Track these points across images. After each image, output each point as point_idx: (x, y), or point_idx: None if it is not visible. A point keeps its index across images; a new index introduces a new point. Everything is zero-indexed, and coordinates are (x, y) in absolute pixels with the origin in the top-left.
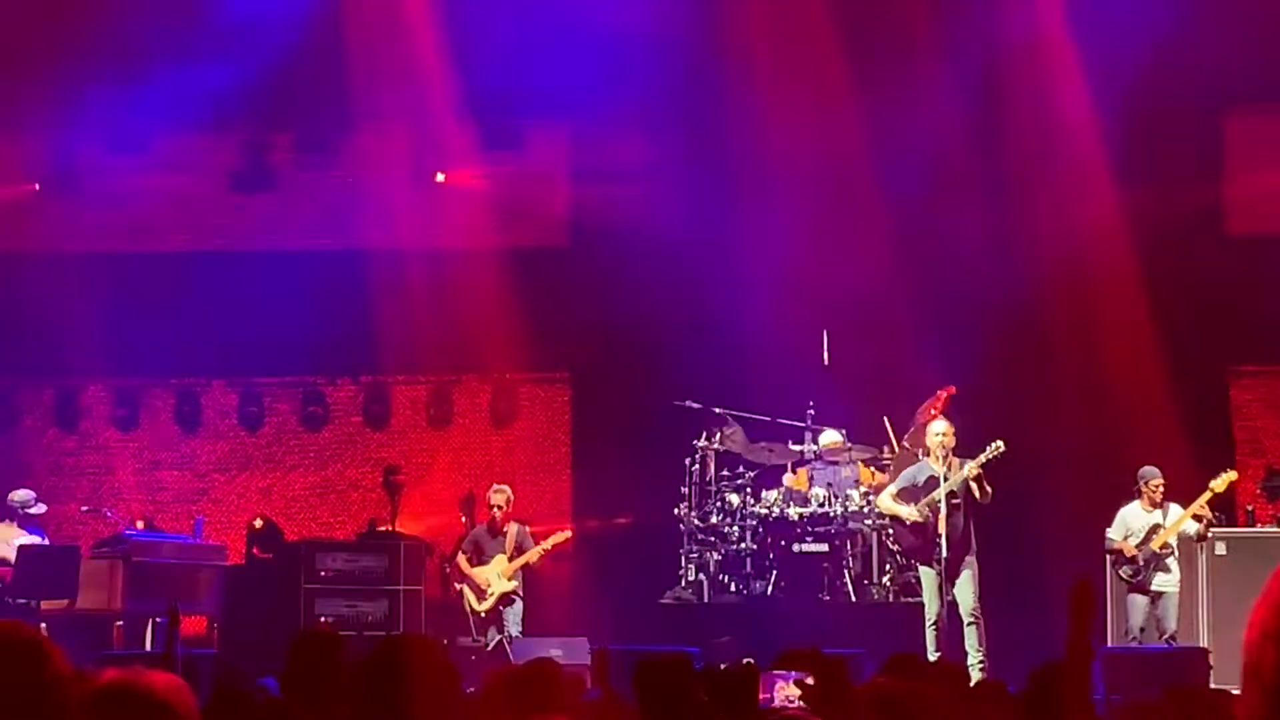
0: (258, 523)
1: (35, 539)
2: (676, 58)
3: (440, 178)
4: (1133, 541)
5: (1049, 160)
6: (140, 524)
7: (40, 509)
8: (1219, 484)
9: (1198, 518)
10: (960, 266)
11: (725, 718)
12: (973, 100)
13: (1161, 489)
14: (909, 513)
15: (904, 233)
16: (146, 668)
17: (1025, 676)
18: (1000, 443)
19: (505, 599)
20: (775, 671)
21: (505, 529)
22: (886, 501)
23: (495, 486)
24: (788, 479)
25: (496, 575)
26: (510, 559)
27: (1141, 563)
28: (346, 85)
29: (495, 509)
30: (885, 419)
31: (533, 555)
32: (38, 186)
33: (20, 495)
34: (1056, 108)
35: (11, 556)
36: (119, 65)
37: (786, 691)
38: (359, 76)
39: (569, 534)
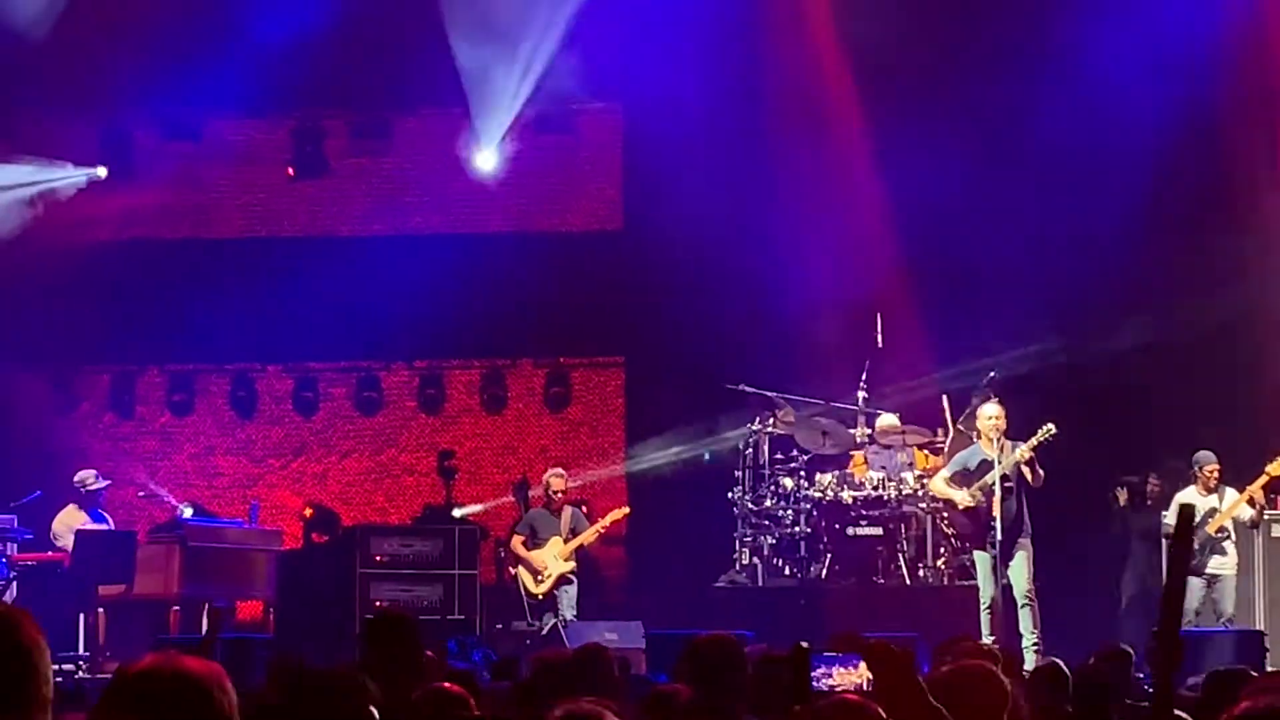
0: (308, 511)
1: (100, 526)
2: (728, 39)
3: (488, 162)
4: None
5: (1097, 140)
6: (189, 510)
7: (101, 484)
8: (1275, 467)
9: (1252, 502)
10: (1012, 250)
11: (776, 701)
12: (1022, 83)
13: (1217, 473)
14: (961, 497)
15: (955, 215)
16: (182, 653)
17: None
18: (1051, 425)
19: (562, 580)
20: (823, 654)
21: (561, 511)
22: (939, 485)
23: (553, 470)
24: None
25: (553, 557)
26: (566, 541)
27: (1197, 546)
28: (399, 70)
29: (556, 493)
30: (944, 397)
31: (590, 535)
32: (103, 172)
33: (80, 474)
34: (1110, 95)
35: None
36: (176, 52)
37: (833, 679)
38: (411, 61)
39: (626, 511)
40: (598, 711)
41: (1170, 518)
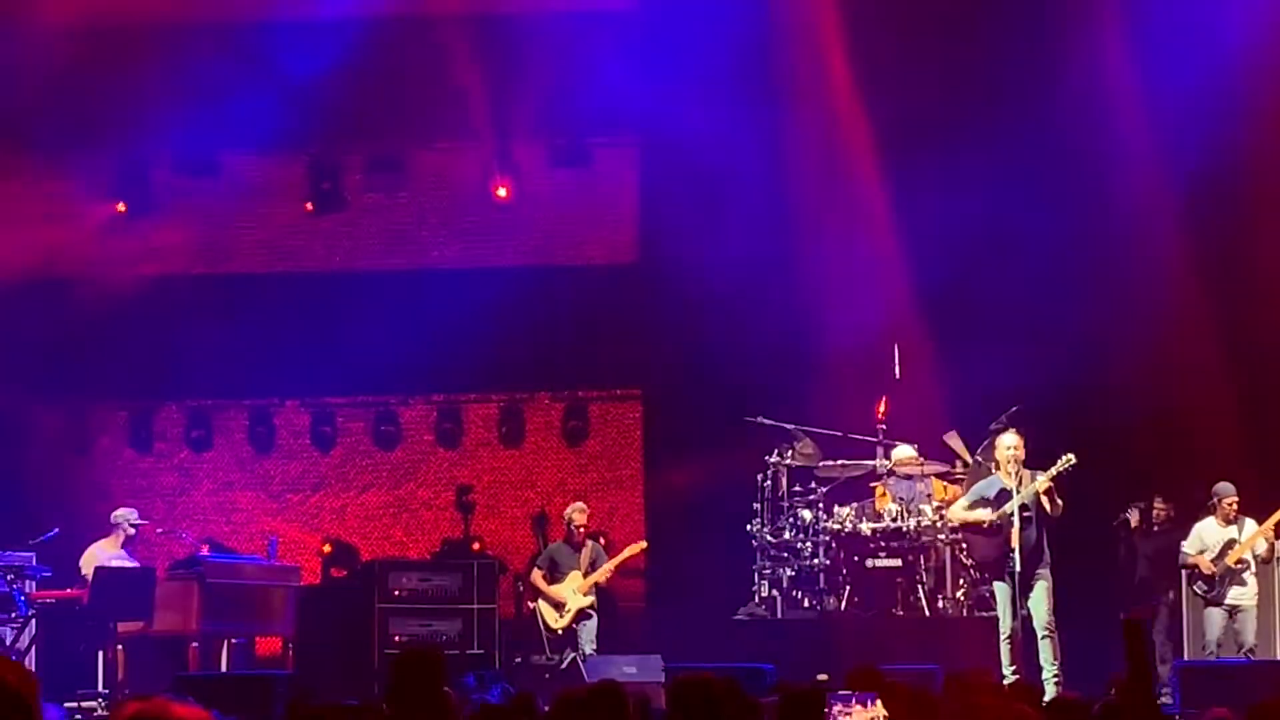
0: (326, 548)
1: (129, 563)
2: (745, 73)
3: (503, 193)
4: (1208, 556)
5: (1120, 170)
6: (205, 548)
7: (140, 522)
8: None
9: (1268, 534)
10: (1033, 280)
11: None
12: (1039, 116)
13: (1235, 505)
14: (985, 515)
15: (973, 248)
16: (175, 698)
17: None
18: (1071, 455)
19: (581, 615)
20: (839, 692)
21: (582, 546)
22: (959, 511)
23: (576, 505)
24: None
25: (573, 592)
26: (585, 575)
27: (1217, 578)
28: (416, 105)
29: (578, 528)
30: (954, 433)
31: (608, 569)
32: (122, 207)
33: (123, 512)
34: (1126, 115)
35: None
36: (191, 86)
37: (851, 717)
38: (428, 96)
39: (643, 545)
40: None
41: (1189, 548)
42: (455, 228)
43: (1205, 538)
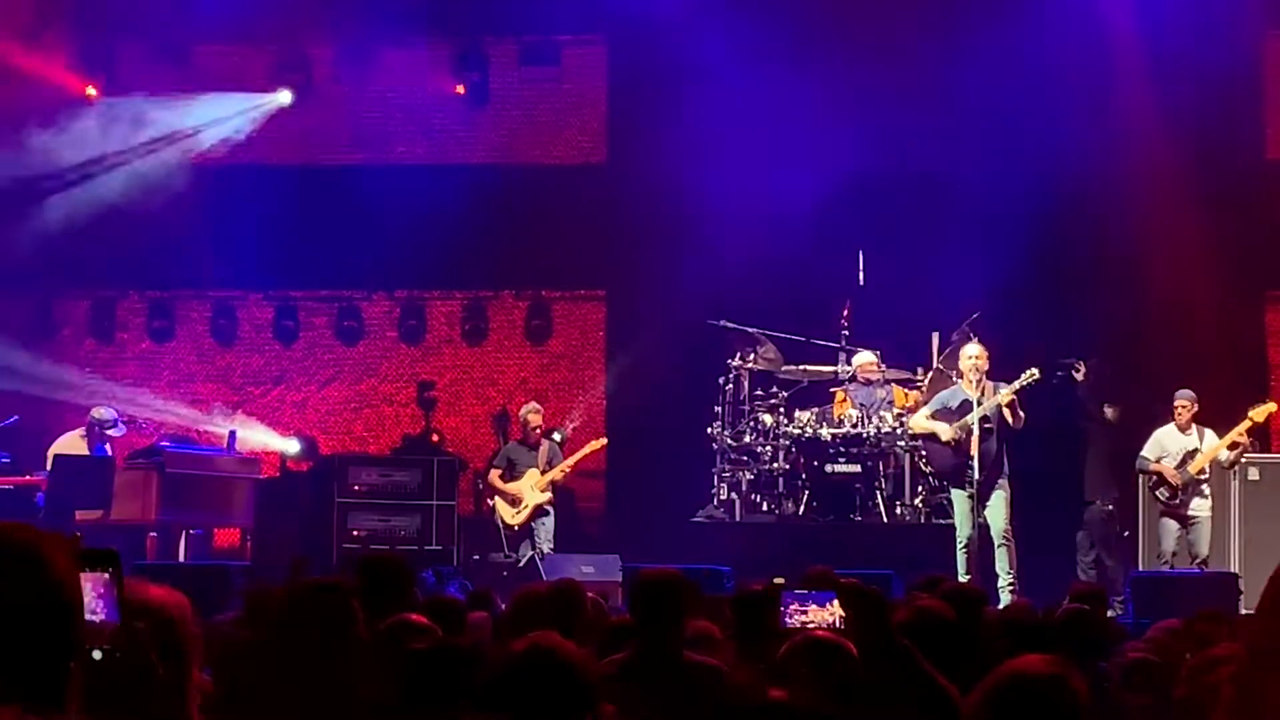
0: (293, 448)
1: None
2: None
3: (461, 90)
4: (1169, 464)
5: (1089, 77)
6: (165, 443)
7: (119, 431)
8: (1258, 414)
9: (1233, 445)
10: (997, 186)
11: (747, 636)
12: (1011, 29)
13: (1185, 411)
14: (945, 429)
15: (942, 152)
16: (149, 579)
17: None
18: (1035, 371)
19: (539, 511)
20: (797, 591)
21: (539, 445)
22: (920, 420)
23: (531, 405)
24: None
25: (530, 488)
26: (543, 472)
27: (1179, 485)
28: None
29: (534, 428)
30: (934, 335)
31: (567, 464)
32: (93, 91)
33: (101, 413)
34: (1096, 28)
35: None
36: None
37: (807, 615)
38: None
39: (604, 442)
40: (558, 643)
41: (1149, 453)
42: (422, 124)
43: (1166, 444)
